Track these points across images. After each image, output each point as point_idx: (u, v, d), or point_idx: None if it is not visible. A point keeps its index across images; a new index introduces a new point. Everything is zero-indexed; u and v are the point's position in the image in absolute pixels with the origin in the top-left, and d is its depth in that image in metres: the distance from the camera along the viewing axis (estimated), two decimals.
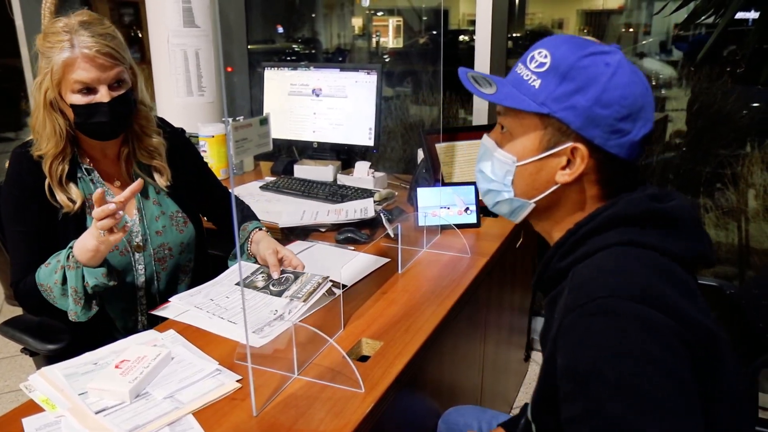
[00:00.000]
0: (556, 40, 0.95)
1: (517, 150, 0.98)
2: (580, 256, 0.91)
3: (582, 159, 0.93)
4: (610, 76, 0.90)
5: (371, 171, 2.35)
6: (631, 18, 5.00)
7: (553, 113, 0.92)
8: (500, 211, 1.06)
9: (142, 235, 1.55)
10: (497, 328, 2.07)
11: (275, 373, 1.18)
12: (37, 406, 1.10)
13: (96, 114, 1.40)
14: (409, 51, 5.16)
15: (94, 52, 1.36)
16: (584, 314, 0.81)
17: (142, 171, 1.57)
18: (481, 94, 0.98)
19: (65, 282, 1.39)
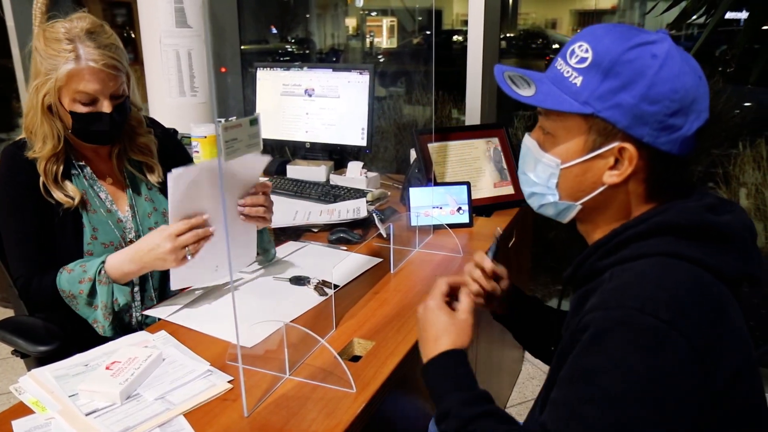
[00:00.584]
0: (598, 30, 0.90)
1: (561, 152, 0.94)
2: (621, 258, 0.88)
3: (630, 160, 0.88)
4: (658, 69, 0.84)
5: (364, 171, 2.35)
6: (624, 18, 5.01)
7: (597, 113, 0.88)
8: (546, 213, 1.03)
9: (135, 232, 1.56)
10: (490, 326, 2.07)
11: (267, 374, 1.18)
12: (27, 408, 1.10)
13: (96, 123, 1.43)
14: (403, 51, 5.17)
15: (101, 65, 1.37)
16: (607, 317, 0.79)
17: (133, 168, 1.59)
18: (520, 97, 0.94)
19: (92, 294, 1.42)
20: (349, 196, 2.15)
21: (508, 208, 2.11)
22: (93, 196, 1.53)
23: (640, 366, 0.76)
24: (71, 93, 1.39)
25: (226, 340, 1.30)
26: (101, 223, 1.52)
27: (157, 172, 1.61)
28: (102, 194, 1.55)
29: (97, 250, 1.50)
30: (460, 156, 2.14)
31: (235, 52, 3.53)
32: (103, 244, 1.51)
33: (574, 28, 5.53)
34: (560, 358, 0.89)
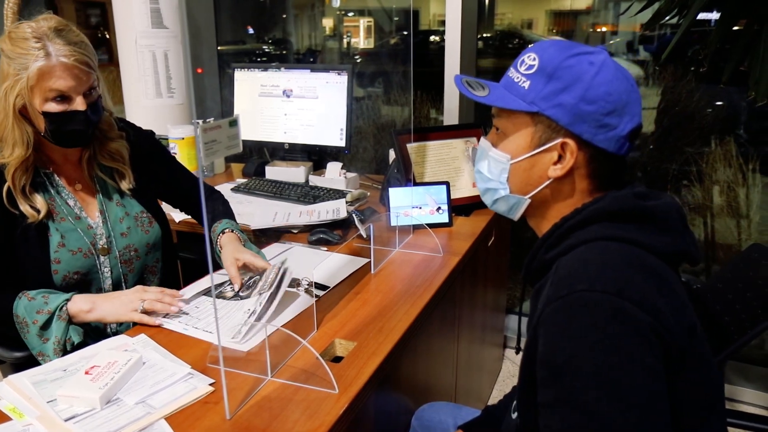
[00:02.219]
0: (544, 44, 1.01)
1: (511, 148, 1.03)
2: (565, 248, 0.94)
3: (572, 153, 0.97)
4: (594, 74, 0.95)
5: (343, 172, 2.35)
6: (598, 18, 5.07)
7: (542, 111, 0.97)
8: (499, 209, 1.10)
9: (107, 238, 1.53)
10: (471, 326, 2.09)
11: (248, 376, 1.18)
12: (4, 415, 1.08)
13: (72, 122, 1.39)
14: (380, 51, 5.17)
15: (73, 61, 1.34)
16: (563, 305, 0.84)
17: (103, 173, 1.56)
18: (475, 97, 1.04)
19: (45, 327, 1.37)
20: (328, 196, 2.15)
21: (487, 208, 2.11)
22: (60, 204, 1.49)
23: (610, 338, 0.80)
24: (43, 92, 1.34)
25: (207, 341, 1.30)
26: (69, 230, 1.48)
27: (128, 178, 1.58)
28: (70, 201, 1.51)
29: (65, 257, 1.45)
30: (439, 156, 2.15)
31: (212, 52, 3.51)
32: (71, 251, 1.46)
33: (550, 28, 5.57)
34: (527, 355, 0.92)
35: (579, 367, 0.80)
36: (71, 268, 1.46)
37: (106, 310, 1.39)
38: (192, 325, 1.36)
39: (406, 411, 1.50)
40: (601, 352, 0.79)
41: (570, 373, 0.81)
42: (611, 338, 0.79)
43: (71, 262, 1.46)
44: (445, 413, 1.46)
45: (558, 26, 5.23)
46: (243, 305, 1.43)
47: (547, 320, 0.85)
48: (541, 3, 5.84)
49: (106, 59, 7.09)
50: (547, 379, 0.84)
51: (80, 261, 1.47)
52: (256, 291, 1.45)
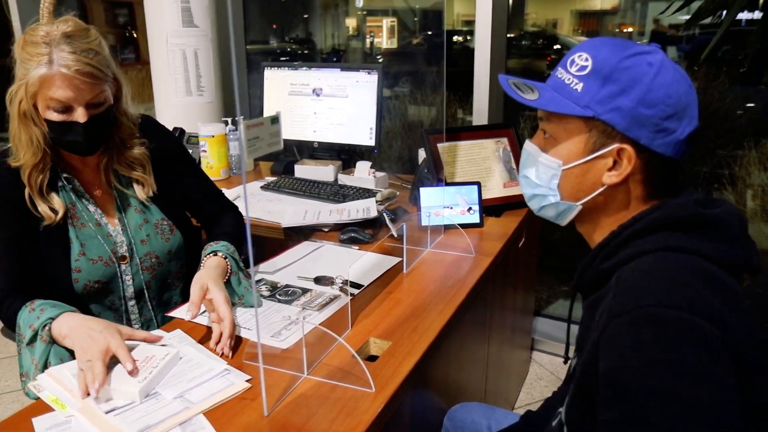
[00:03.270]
0: (596, 42, 0.96)
1: (562, 154, 0.99)
2: (624, 258, 0.91)
3: (629, 160, 0.93)
4: (654, 76, 0.91)
5: (372, 171, 2.35)
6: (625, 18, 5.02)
7: (597, 116, 0.93)
8: (546, 215, 1.07)
9: (127, 245, 1.49)
10: (501, 327, 2.08)
11: (285, 373, 1.18)
12: (46, 405, 1.10)
13: (70, 132, 1.34)
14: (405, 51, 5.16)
15: (73, 71, 1.27)
16: (630, 321, 0.80)
17: (121, 180, 1.52)
18: (524, 101, 0.99)
19: (31, 344, 1.29)
20: (357, 195, 2.15)
21: (518, 209, 2.11)
22: (81, 210, 1.46)
23: (681, 356, 0.76)
24: (44, 99, 1.30)
25: (244, 337, 1.30)
26: (90, 238, 1.45)
27: (148, 187, 1.52)
28: (91, 207, 1.48)
29: (85, 266, 1.43)
30: (470, 156, 2.14)
31: (241, 51, 3.53)
32: (92, 260, 1.44)
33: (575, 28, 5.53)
34: (586, 369, 0.89)
35: (647, 387, 0.77)
36: (92, 277, 1.44)
37: (76, 343, 1.21)
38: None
39: (438, 411, 1.49)
40: (671, 371, 0.76)
41: (637, 393, 0.78)
42: (682, 356, 0.76)
43: (91, 271, 1.44)
44: (478, 414, 1.44)
45: (583, 26, 5.19)
46: (282, 309, 1.43)
47: (611, 336, 0.82)
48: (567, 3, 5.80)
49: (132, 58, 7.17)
50: (612, 398, 0.81)
51: (101, 270, 1.45)
52: (299, 303, 1.45)
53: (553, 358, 2.83)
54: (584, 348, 0.92)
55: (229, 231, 1.61)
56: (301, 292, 1.51)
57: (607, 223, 1.00)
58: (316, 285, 1.55)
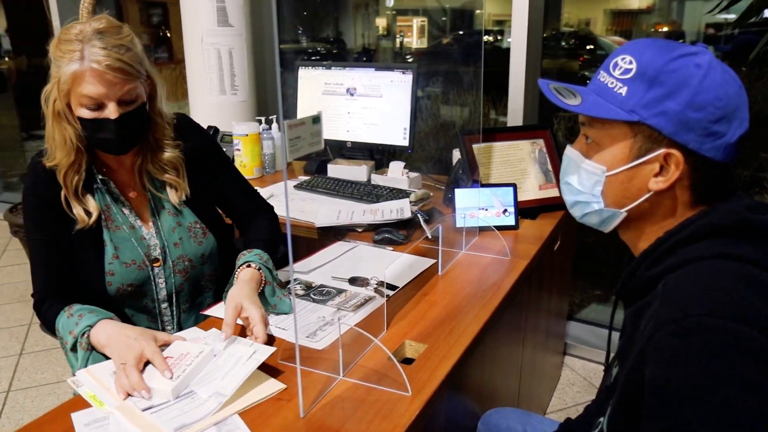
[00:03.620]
0: (640, 44, 0.93)
1: (606, 159, 0.96)
2: (671, 266, 0.88)
3: (677, 165, 0.90)
4: (702, 78, 0.87)
5: (405, 171, 2.33)
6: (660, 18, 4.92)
7: (643, 120, 0.90)
8: (589, 222, 1.04)
9: (161, 248, 1.49)
10: (535, 331, 2.05)
11: (320, 375, 1.17)
12: (84, 401, 1.11)
13: (102, 130, 1.33)
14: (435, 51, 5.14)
15: (104, 67, 1.26)
16: (679, 331, 0.78)
17: (155, 183, 1.50)
18: (566, 106, 0.96)
19: (74, 350, 1.31)
20: (391, 196, 2.14)
21: (554, 211, 2.07)
22: (116, 212, 1.46)
23: (732, 369, 0.74)
24: (77, 97, 1.30)
25: (280, 338, 1.30)
26: (123, 240, 1.45)
27: (180, 191, 1.51)
28: (125, 209, 1.48)
29: (119, 269, 1.43)
30: (505, 157, 2.12)
31: (274, 51, 3.55)
32: (125, 263, 1.44)
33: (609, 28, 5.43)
34: (630, 378, 0.86)
35: (696, 398, 0.75)
36: (125, 280, 1.44)
37: (114, 352, 1.21)
38: None
39: (473, 415, 1.47)
40: (721, 382, 0.74)
41: (685, 404, 0.75)
42: (731, 367, 0.74)
43: (125, 275, 1.43)
44: (513, 419, 1.42)
45: (617, 26, 5.10)
46: (317, 309, 1.43)
47: (659, 345, 0.79)
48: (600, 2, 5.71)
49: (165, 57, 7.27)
50: (658, 409, 0.79)
51: (134, 273, 1.45)
52: (334, 303, 1.45)
53: (585, 363, 2.79)
54: (627, 357, 0.90)
55: (263, 237, 1.58)
56: (335, 292, 1.50)
57: (652, 230, 0.97)
58: (350, 285, 1.54)
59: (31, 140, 5.74)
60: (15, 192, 5.39)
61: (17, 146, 5.77)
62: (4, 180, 5.63)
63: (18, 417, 2.48)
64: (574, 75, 4.35)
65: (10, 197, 5.25)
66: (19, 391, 2.65)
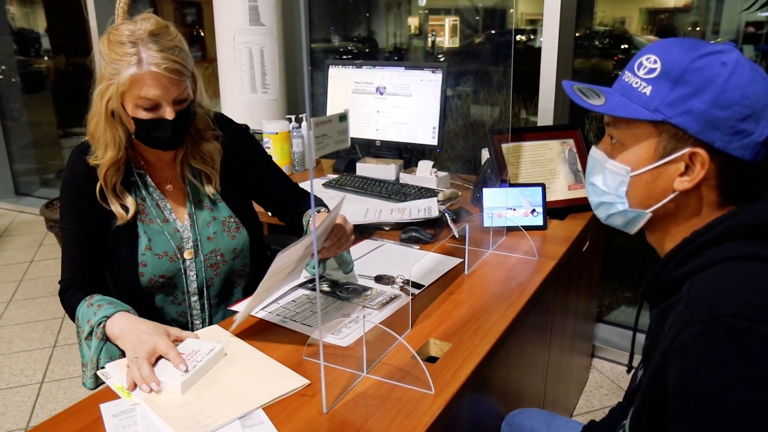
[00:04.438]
0: (665, 43, 0.92)
1: (631, 159, 0.95)
2: (698, 266, 0.86)
3: (702, 164, 0.89)
4: (728, 76, 0.86)
5: (434, 170, 2.33)
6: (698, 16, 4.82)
7: (668, 119, 0.89)
8: (614, 223, 1.03)
9: (193, 241, 1.52)
10: (562, 333, 2.03)
11: (344, 371, 1.18)
12: (113, 393, 1.13)
13: (159, 129, 1.38)
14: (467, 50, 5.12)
15: (162, 69, 1.31)
16: (704, 332, 0.77)
17: (195, 174, 1.54)
18: (590, 106, 0.96)
19: (89, 339, 1.33)
20: (419, 195, 2.14)
21: (583, 212, 2.05)
22: (151, 206, 1.50)
23: (758, 371, 0.73)
24: (134, 98, 1.34)
25: (305, 334, 1.31)
26: (157, 233, 1.48)
27: (214, 183, 1.54)
28: (161, 203, 1.51)
29: (151, 260, 1.46)
30: (534, 157, 2.10)
31: (306, 50, 3.57)
32: (157, 255, 1.47)
33: (644, 27, 5.35)
34: (654, 380, 0.85)
35: (722, 401, 0.74)
36: (157, 271, 1.47)
37: (127, 345, 1.24)
38: (290, 318, 1.38)
39: (496, 416, 1.47)
40: (749, 385, 0.72)
41: (711, 407, 0.74)
42: (758, 370, 0.72)
43: (157, 266, 1.47)
44: (537, 420, 1.41)
45: (653, 25, 5.01)
46: (342, 306, 1.43)
47: (683, 346, 0.78)
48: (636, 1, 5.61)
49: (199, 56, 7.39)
50: (683, 412, 0.78)
51: (166, 265, 1.48)
52: (359, 300, 1.45)
53: (613, 366, 2.75)
54: (652, 358, 0.89)
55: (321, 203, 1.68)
56: (361, 289, 1.51)
57: (678, 231, 0.95)
58: (376, 283, 1.55)
59: (68, 137, 5.87)
60: (52, 188, 5.53)
61: (55, 143, 5.91)
62: (42, 176, 5.77)
63: (51, 407, 2.54)
64: (607, 75, 4.29)
65: (47, 193, 5.38)
66: (52, 383, 2.71)
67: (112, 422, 1.05)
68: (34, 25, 5.99)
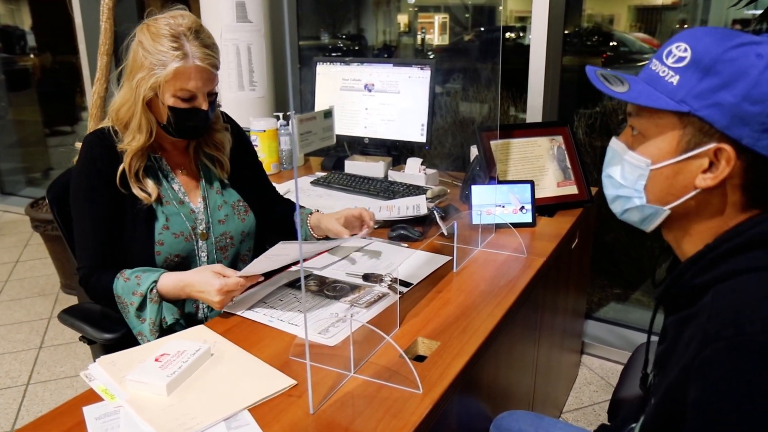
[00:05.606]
0: (697, 32, 0.86)
1: (652, 152, 0.89)
2: (721, 275, 0.82)
3: (728, 161, 0.83)
4: (764, 69, 0.80)
5: (423, 168, 2.32)
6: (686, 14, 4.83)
7: (694, 111, 0.83)
8: (630, 219, 0.97)
9: (206, 223, 1.59)
10: (551, 330, 2.02)
11: (331, 371, 1.16)
12: (96, 394, 1.11)
13: (194, 119, 1.47)
14: (456, 47, 5.11)
15: (206, 64, 1.41)
16: (729, 348, 0.73)
17: (207, 161, 1.63)
18: (613, 93, 0.90)
19: (141, 308, 1.43)
20: (407, 192, 2.13)
21: (572, 209, 2.05)
22: (167, 188, 1.56)
23: None
24: (174, 89, 1.42)
25: (291, 333, 1.29)
26: (173, 214, 1.54)
27: (225, 168, 1.64)
28: (175, 186, 1.58)
29: (168, 239, 1.52)
30: (523, 154, 2.09)
31: (294, 47, 3.55)
32: (174, 234, 1.53)
33: (632, 24, 5.36)
34: (670, 394, 0.82)
35: (748, 422, 0.71)
36: (173, 250, 1.53)
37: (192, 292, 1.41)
38: (277, 318, 1.36)
39: (485, 417, 1.46)
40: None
41: (733, 426, 0.72)
42: None
43: (173, 245, 1.52)
44: (525, 422, 1.40)
45: (642, 23, 5.02)
46: (330, 306, 1.42)
47: (707, 363, 0.75)
48: None
49: None
50: (703, 429, 0.75)
51: (181, 244, 1.54)
52: (347, 299, 1.44)
53: (603, 363, 2.75)
54: (667, 367, 0.85)
55: None
56: (349, 288, 1.50)
57: (697, 231, 0.90)
58: (364, 282, 1.53)
59: (54, 136, 5.81)
60: (37, 188, 5.47)
61: (41, 142, 5.85)
62: (27, 175, 5.71)
63: (37, 410, 2.51)
64: None
65: (33, 192, 5.33)
66: (38, 384, 2.68)
67: (96, 425, 1.03)
68: (19, 22, 5.92)
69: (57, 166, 5.57)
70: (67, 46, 4.27)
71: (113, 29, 2.77)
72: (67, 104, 5.55)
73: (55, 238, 3.38)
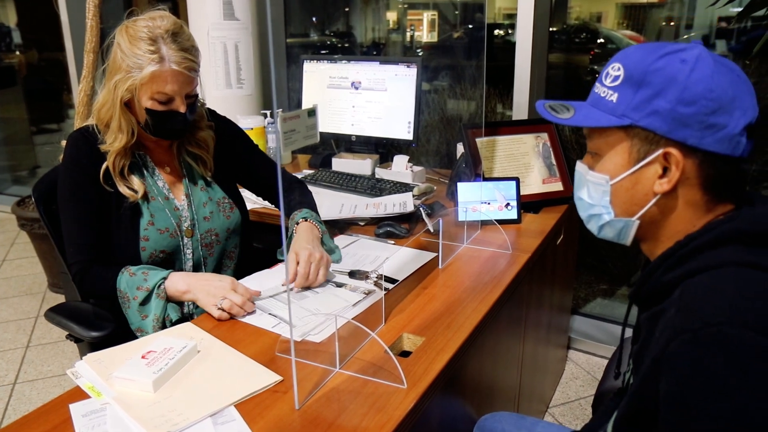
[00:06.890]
0: (629, 50, 0.92)
1: (609, 168, 0.95)
2: (690, 271, 0.84)
3: (677, 164, 0.87)
4: (689, 72, 0.85)
5: (410, 165, 2.33)
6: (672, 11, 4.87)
7: (635, 123, 0.89)
8: (606, 236, 1.02)
9: (191, 220, 1.59)
10: (536, 325, 2.04)
11: (317, 367, 1.17)
12: (83, 392, 1.12)
13: (171, 121, 1.47)
14: (445, 45, 5.13)
15: (182, 68, 1.40)
16: (695, 340, 0.75)
17: (190, 159, 1.63)
18: (560, 120, 0.97)
19: (144, 303, 1.44)
20: (394, 189, 2.14)
21: (557, 205, 2.07)
22: (152, 184, 1.56)
23: (751, 380, 0.72)
24: (151, 92, 1.42)
25: (277, 332, 1.30)
26: (158, 210, 1.55)
27: (209, 166, 1.64)
28: (160, 182, 1.58)
29: (153, 235, 1.53)
30: (509, 151, 2.11)
31: (281, 44, 3.54)
32: (159, 230, 1.54)
33: (620, 21, 5.38)
34: (643, 388, 0.84)
35: (714, 412, 0.73)
36: (158, 246, 1.53)
37: (200, 295, 1.40)
38: (267, 312, 1.37)
39: (469, 419, 1.47)
40: (742, 395, 0.71)
41: (703, 418, 0.73)
42: (750, 380, 0.71)
43: (159, 241, 1.53)
44: (508, 423, 1.41)
45: (629, 20, 5.05)
46: (315, 300, 1.43)
47: (675, 355, 0.77)
48: None
49: None
50: (674, 423, 0.77)
51: (167, 240, 1.54)
52: (333, 294, 1.46)
53: (589, 357, 2.78)
54: (642, 364, 0.87)
55: (306, 200, 1.77)
56: (335, 285, 1.51)
57: (667, 236, 0.93)
58: (350, 279, 1.55)
59: (41, 134, 5.78)
60: (24, 186, 5.44)
61: (27, 140, 5.81)
62: (13, 174, 5.67)
63: (24, 409, 2.51)
64: (583, 69, 4.32)
65: (19, 190, 5.29)
66: (25, 383, 2.68)
67: (82, 422, 1.04)
68: (4, 19, 5.87)
69: (44, 164, 5.54)
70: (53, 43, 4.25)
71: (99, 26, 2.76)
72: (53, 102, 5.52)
73: (42, 236, 3.37)
